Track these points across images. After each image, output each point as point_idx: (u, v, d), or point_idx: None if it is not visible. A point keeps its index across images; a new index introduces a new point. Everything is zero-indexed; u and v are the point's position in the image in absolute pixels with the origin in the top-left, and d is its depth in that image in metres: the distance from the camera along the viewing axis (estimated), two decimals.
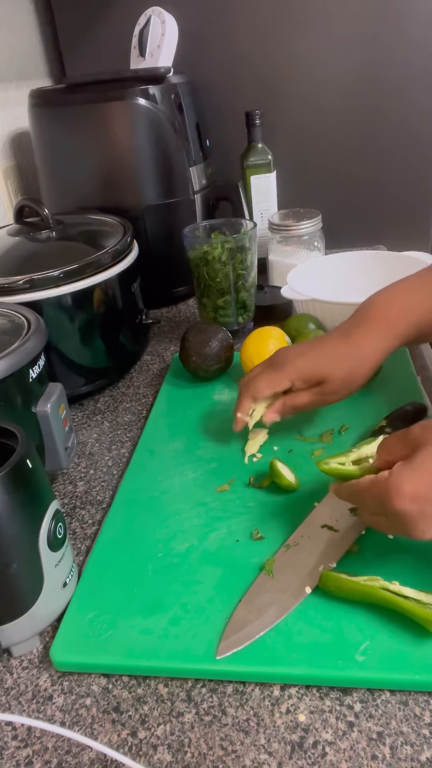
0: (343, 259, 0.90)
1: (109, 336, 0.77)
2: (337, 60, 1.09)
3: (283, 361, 0.58)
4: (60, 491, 0.63)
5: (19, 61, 1.12)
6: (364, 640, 0.41)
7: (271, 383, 0.58)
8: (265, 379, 0.59)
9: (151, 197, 0.94)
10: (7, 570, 0.41)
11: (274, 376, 0.58)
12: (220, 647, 0.42)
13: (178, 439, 0.66)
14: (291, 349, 0.60)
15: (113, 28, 1.11)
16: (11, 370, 0.51)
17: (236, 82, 1.13)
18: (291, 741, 0.37)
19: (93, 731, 0.39)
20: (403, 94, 1.10)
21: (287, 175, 1.13)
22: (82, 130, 0.91)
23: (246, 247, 0.80)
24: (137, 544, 0.52)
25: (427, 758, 0.36)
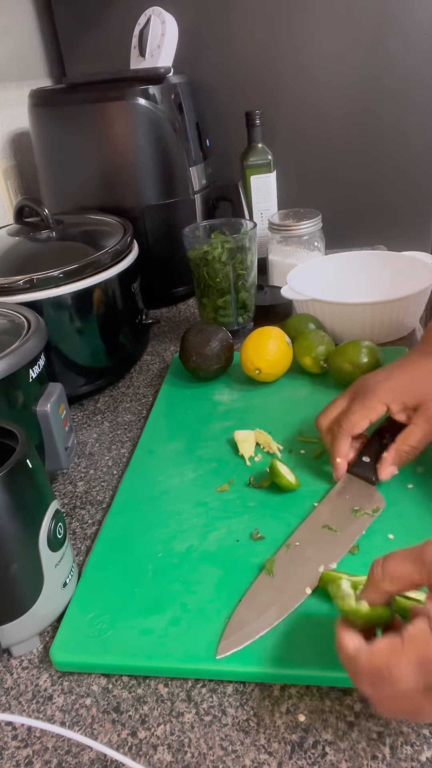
0: (343, 259, 0.90)
1: (109, 336, 0.77)
2: (338, 60, 1.09)
3: (369, 387, 0.54)
4: (60, 491, 0.63)
5: (19, 61, 1.12)
6: None
7: (366, 412, 0.53)
8: (358, 411, 0.53)
9: (151, 197, 0.94)
10: (7, 570, 0.41)
11: (365, 403, 0.53)
12: (220, 647, 0.42)
13: (178, 439, 0.66)
14: (374, 375, 0.55)
15: (113, 28, 1.11)
16: (11, 370, 0.51)
17: (236, 82, 1.13)
18: (291, 741, 0.37)
19: (93, 731, 0.39)
20: (403, 94, 1.10)
21: (287, 175, 1.13)
22: (82, 130, 0.91)
23: (246, 247, 0.80)
24: (137, 544, 0.52)
25: (427, 758, 0.36)
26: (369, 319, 0.76)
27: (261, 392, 0.73)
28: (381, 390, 0.53)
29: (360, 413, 0.53)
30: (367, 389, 0.53)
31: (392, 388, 0.52)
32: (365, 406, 0.53)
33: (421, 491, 0.54)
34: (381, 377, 0.54)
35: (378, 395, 0.53)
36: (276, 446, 0.62)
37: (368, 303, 0.75)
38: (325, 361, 0.72)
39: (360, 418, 0.53)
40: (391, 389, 0.52)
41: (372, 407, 0.53)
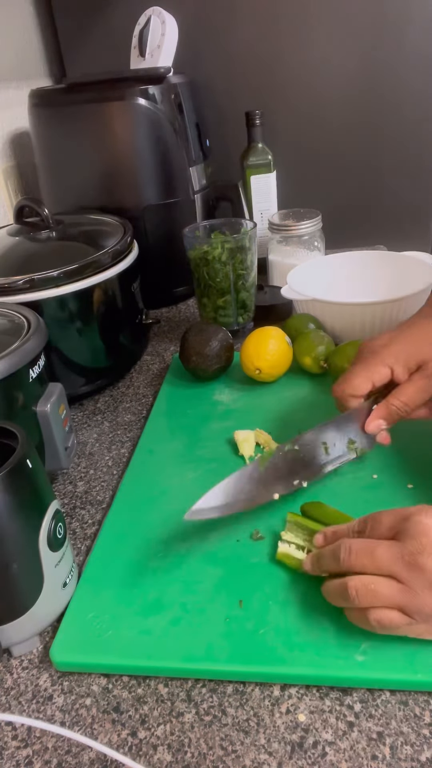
0: (343, 259, 0.90)
1: (109, 336, 0.77)
2: (337, 60, 1.09)
3: (372, 350, 0.53)
4: (60, 491, 0.63)
5: (19, 61, 1.12)
6: (364, 640, 0.41)
7: (368, 375, 0.52)
8: (360, 373, 0.52)
9: (151, 197, 0.94)
10: (7, 570, 0.41)
11: (369, 365, 0.52)
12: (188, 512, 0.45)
13: (178, 439, 0.66)
14: (377, 339, 0.54)
15: (113, 28, 1.11)
16: (11, 370, 0.51)
17: (236, 82, 1.13)
18: (291, 741, 0.37)
19: (93, 731, 0.39)
20: (403, 95, 1.10)
21: (287, 175, 1.13)
22: (82, 130, 0.91)
23: (246, 247, 0.80)
24: (137, 544, 0.52)
25: (427, 758, 0.36)
26: (369, 319, 0.76)
27: (261, 392, 0.73)
28: (385, 353, 0.52)
29: (363, 375, 0.52)
30: (371, 352, 0.53)
31: (396, 351, 0.52)
32: (368, 368, 0.52)
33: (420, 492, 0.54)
34: (385, 340, 0.53)
35: (381, 357, 0.52)
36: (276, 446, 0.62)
37: (368, 303, 0.75)
38: (325, 361, 0.72)
39: (363, 380, 0.52)
40: (394, 352, 0.52)
41: (375, 370, 0.52)
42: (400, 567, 0.38)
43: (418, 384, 0.51)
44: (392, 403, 0.52)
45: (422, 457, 0.58)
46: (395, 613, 0.38)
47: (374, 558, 0.39)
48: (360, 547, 0.40)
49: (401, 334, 0.53)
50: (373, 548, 0.40)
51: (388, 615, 0.38)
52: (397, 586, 0.38)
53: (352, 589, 0.39)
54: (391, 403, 0.52)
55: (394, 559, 0.38)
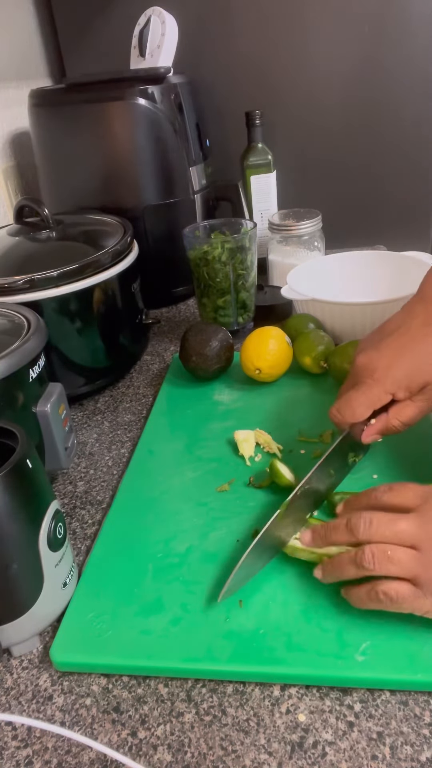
0: (343, 259, 0.90)
1: (109, 336, 0.77)
2: (338, 60, 1.09)
3: (373, 373, 0.51)
4: (60, 491, 0.63)
5: (19, 61, 1.12)
6: (364, 640, 0.41)
7: (370, 402, 0.51)
8: (363, 401, 0.51)
9: (151, 197, 0.94)
10: (7, 570, 0.41)
11: (371, 393, 0.51)
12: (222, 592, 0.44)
13: (178, 439, 0.66)
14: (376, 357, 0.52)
15: (113, 28, 1.11)
16: (11, 370, 0.51)
17: (236, 82, 1.13)
18: (291, 741, 0.37)
19: (93, 731, 0.39)
20: (403, 95, 1.10)
21: (287, 175, 1.13)
22: (82, 130, 0.91)
23: (246, 247, 0.80)
24: (137, 544, 0.52)
25: (427, 758, 0.36)
26: (369, 319, 0.76)
27: (261, 392, 0.73)
28: (387, 380, 0.50)
29: (364, 403, 0.51)
30: (372, 377, 0.51)
31: (399, 376, 0.50)
32: (370, 397, 0.51)
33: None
34: (386, 361, 0.51)
35: (384, 385, 0.50)
36: (276, 446, 0.62)
37: (368, 303, 0.75)
38: (325, 361, 0.72)
39: (364, 409, 0.51)
40: (397, 378, 0.50)
41: (377, 398, 0.51)
42: (422, 538, 0.39)
43: (420, 405, 0.51)
44: (392, 423, 0.52)
45: (422, 457, 0.58)
46: (404, 586, 0.39)
47: (396, 529, 0.40)
48: (381, 520, 0.41)
49: (401, 352, 0.51)
50: (395, 520, 0.40)
51: (396, 587, 0.39)
52: (415, 554, 0.38)
53: (368, 554, 0.39)
54: (391, 423, 0.52)
55: (416, 530, 0.39)
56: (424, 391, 0.50)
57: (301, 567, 0.47)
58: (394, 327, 0.53)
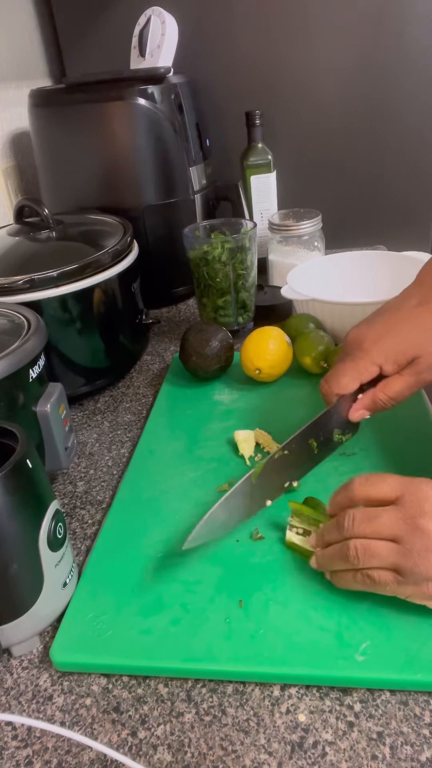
0: (343, 259, 0.90)
1: (109, 336, 0.77)
2: (338, 60, 1.09)
3: (362, 344, 0.51)
4: (60, 491, 0.63)
5: (19, 61, 1.12)
6: (364, 640, 0.41)
7: (357, 374, 0.51)
8: (349, 372, 0.51)
9: (151, 197, 0.94)
10: (7, 570, 0.41)
11: (358, 364, 0.51)
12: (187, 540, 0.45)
13: (178, 439, 0.66)
14: (366, 330, 0.52)
15: (113, 28, 1.11)
16: (11, 370, 0.51)
17: (236, 82, 1.13)
18: (291, 741, 0.37)
19: (93, 731, 0.39)
20: (403, 95, 1.10)
21: (287, 175, 1.13)
22: (82, 130, 0.91)
23: (246, 247, 0.80)
24: (137, 543, 0.52)
25: (427, 758, 0.36)
26: None
27: (261, 392, 0.73)
28: (375, 351, 0.50)
29: (351, 375, 0.51)
30: (360, 348, 0.51)
31: (386, 348, 0.50)
32: (357, 367, 0.51)
33: None
34: (375, 334, 0.51)
35: (371, 356, 0.51)
36: (276, 446, 0.62)
37: (368, 303, 0.75)
38: (325, 361, 0.72)
39: (351, 380, 0.51)
40: (385, 350, 0.50)
41: (364, 368, 0.51)
42: (401, 529, 0.40)
43: (407, 380, 0.51)
44: (379, 397, 0.52)
45: (421, 457, 0.58)
46: (387, 572, 0.40)
47: (377, 523, 0.41)
48: (363, 515, 0.42)
49: (392, 327, 0.51)
50: (376, 515, 0.41)
51: (379, 572, 0.40)
52: (396, 547, 0.40)
53: (352, 549, 0.41)
54: (378, 396, 0.52)
55: (395, 523, 0.40)
56: (413, 364, 0.50)
57: (300, 567, 0.47)
58: (389, 306, 0.54)
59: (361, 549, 0.41)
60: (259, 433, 0.64)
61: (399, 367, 0.51)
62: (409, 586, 0.40)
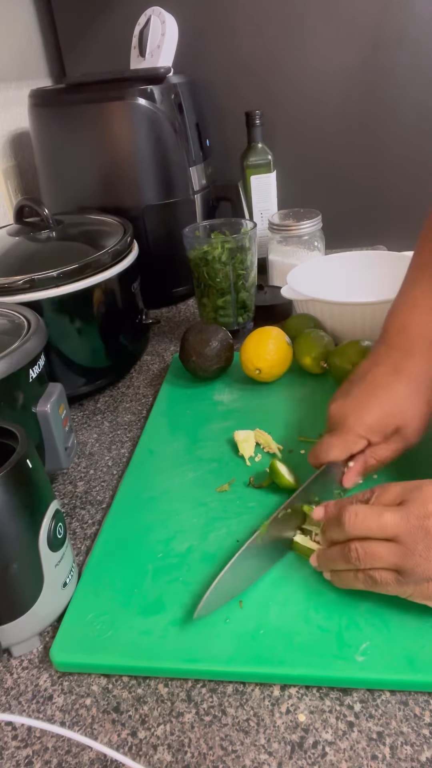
0: (343, 259, 0.90)
1: (109, 336, 0.77)
2: (338, 60, 1.09)
3: (345, 421, 0.53)
4: (60, 491, 0.63)
5: (19, 61, 1.12)
6: (364, 640, 0.41)
7: (346, 447, 0.52)
8: (338, 445, 0.52)
9: (151, 197, 0.94)
10: (7, 570, 0.41)
11: (346, 439, 0.52)
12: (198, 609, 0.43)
13: (178, 439, 0.66)
14: (346, 405, 0.54)
15: (113, 28, 1.11)
16: (11, 370, 0.51)
17: (236, 82, 1.13)
18: (291, 741, 0.37)
19: (93, 731, 0.39)
20: (403, 94, 1.10)
21: (287, 175, 1.13)
22: (82, 130, 0.91)
23: (246, 247, 0.80)
24: (137, 544, 0.52)
25: (427, 758, 0.36)
26: (369, 319, 0.76)
27: (261, 392, 0.73)
28: (359, 426, 0.52)
29: (340, 448, 0.52)
30: (345, 424, 0.53)
31: (370, 423, 0.52)
32: (345, 441, 0.52)
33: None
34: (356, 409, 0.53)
35: (357, 432, 0.52)
36: (276, 446, 0.62)
37: (368, 303, 0.75)
38: (325, 361, 0.72)
39: (340, 452, 0.52)
40: (369, 425, 0.52)
41: (352, 443, 0.52)
42: (404, 529, 0.39)
43: (394, 447, 0.53)
44: (369, 462, 0.53)
45: (422, 457, 0.58)
46: (388, 573, 0.40)
47: (380, 521, 0.41)
48: (366, 512, 0.42)
49: (370, 399, 0.53)
50: (379, 512, 0.41)
51: (380, 572, 0.40)
52: (397, 548, 0.40)
53: (353, 551, 0.41)
54: (369, 462, 0.53)
55: (399, 522, 0.40)
56: (398, 433, 0.52)
57: (301, 567, 0.47)
58: (362, 374, 0.56)
59: (362, 551, 0.41)
60: (259, 433, 0.64)
61: (385, 437, 0.52)
62: (410, 585, 0.40)
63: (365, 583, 0.42)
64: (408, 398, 0.52)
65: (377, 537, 0.41)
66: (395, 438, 0.53)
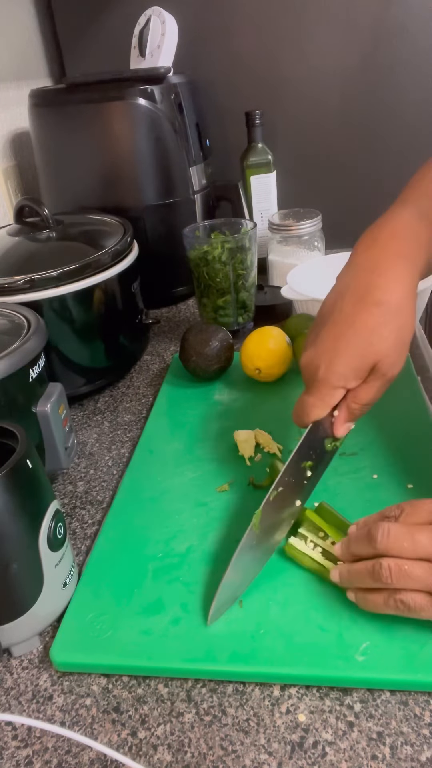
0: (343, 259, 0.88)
1: (109, 336, 0.77)
2: (338, 60, 1.09)
3: (316, 373, 0.48)
4: (60, 491, 0.63)
5: (19, 61, 1.12)
6: (364, 640, 0.41)
7: (324, 403, 0.48)
8: (315, 404, 0.48)
9: (151, 197, 0.94)
10: (7, 570, 0.41)
11: (322, 393, 0.48)
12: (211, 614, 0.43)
13: (178, 439, 0.66)
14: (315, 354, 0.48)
15: (113, 28, 1.11)
16: (11, 370, 0.51)
17: (236, 82, 1.13)
18: (291, 741, 0.37)
19: (93, 731, 0.39)
20: (403, 94, 1.10)
21: (287, 175, 1.13)
22: (82, 130, 0.91)
23: (246, 247, 0.80)
24: (137, 544, 0.52)
25: (427, 758, 0.36)
26: None
27: (261, 392, 0.73)
28: (332, 376, 0.47)
29: (318, 406, 0.48)
30: (316, 378, 0.48)
31: (342, 369, 0.47)
32: (322, 398, 0.48)
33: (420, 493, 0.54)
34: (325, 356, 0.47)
35: (330, 383, 0.47)
36: (276, 446, 0.62)
37: None
38: None
39: (320, 410, 0.49)
40: (341, 372, 0.47)
41: (329, 396, 0.48)
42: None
43: (375, 385, 0.48)
44: (352, 408, 0.49)
45: (421, 457, 0.58)
46: (422, 596, 0.38)
47: (414, 541, 0.39)
48: (399, 531, 0.40)
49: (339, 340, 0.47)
50: (413, 532, 0.39)
51: (413, 596, 0.38)
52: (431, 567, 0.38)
53: (386, 570, 0.39)
54: (352, 408, 0.49)
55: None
56: (374, 371, 0.47)
57: (301, 567, 0.47)
58: (328, 312, 0.49)
59: (395, 569, 0.39)
60: (259, 433, 0.64)
61: (362, 379, 0.48)
62: None
63: (396, 609, 0.39)
64: (377, 329, 0.46)
65: (409, 557, 0.39)
66: (372, 377, 0.47)
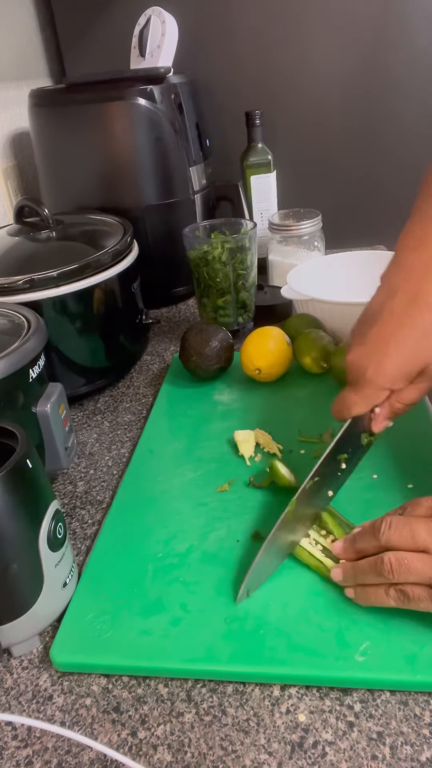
0: (343, 259, 0.90)
1: (109, 336, 0.77)
2: (338, 60, 1.09)
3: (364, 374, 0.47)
4: (60, 491, 0.63)
5: (19, 61, 1.12)
6: (364, 640, 0.41)
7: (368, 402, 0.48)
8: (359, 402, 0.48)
9: (151, 197, 0.94)
10: (7, 570, 0.41)
11: (366, 394, 0.48)
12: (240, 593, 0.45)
13: (178, 439, 0.66)
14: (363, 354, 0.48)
15: (113, 28, 1.12)
16: (11, 370, 0.51)
17: (236, 82, 1.13)
18: (291, 741, 0.37)
19: (93, 731, 0.39)
20: (403, 94, 1.10)
21: (287, 175, 1.13)
22: (82, 130, 0.91)
23: (246, 247, 0.80)
24: (137, 544, 0.52)
25: (427, 758, 0.36)
26: None
27: (261, 392, 0.73)
28: (380, 378, 0.47)
29: (361, 404, 0.49)
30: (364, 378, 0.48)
31: (391, 372, 0.46)
32: (366, 396, 0.48)
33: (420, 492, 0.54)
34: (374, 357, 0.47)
35: (377, 384, 0.47)
36: (276, 446, 0.62)
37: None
38: (325, 361, 0.72)
39: (362, 408, 0.49)
40: (391, 375, 0.47)
41: (374, 396, 0.48)
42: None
43: (421, 387, 0.48)
44: (396, 407, 0.49)
45: (422, 457, 0.58)
46: (421, 588, 0.39)
47: (413, 532, 0.40)
48: (400, 521, 0.41)
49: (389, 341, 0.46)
50: (413, 523, 0.41)
51: (412, 587, 0.40)
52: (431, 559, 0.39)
53: (387, 563, 0.40)
54: (395, 406, 0.49)
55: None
56: (423, 372, 0.47)
57: (301, 567, 0.47)
58: (377, 311, 0.48)
59: (396, 563, 0.40)
60: (259, 433, 0.64)
61: (410, 381, 0.48)
62: None
63: (396, 600, 0.40)
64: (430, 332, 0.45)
65: (410, 548, 0.40)
66: (420, 378, 0.47)
